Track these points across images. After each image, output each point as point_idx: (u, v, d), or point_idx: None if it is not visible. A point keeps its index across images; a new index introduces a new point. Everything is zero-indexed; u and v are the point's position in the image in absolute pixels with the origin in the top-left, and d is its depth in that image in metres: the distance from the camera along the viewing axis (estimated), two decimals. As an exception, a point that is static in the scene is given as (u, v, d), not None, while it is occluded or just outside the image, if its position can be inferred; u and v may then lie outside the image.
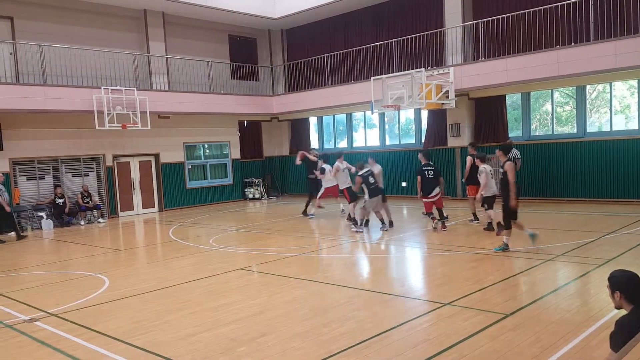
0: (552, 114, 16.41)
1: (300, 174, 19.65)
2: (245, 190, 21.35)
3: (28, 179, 15.97)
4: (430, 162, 11.79)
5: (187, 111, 18.37)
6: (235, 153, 21.26)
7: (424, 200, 11.60)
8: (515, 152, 13.72)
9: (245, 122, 21.80)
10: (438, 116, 17.62)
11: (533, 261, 8.18)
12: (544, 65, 13.83)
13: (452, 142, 17.26)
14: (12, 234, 14.05)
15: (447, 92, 15.51)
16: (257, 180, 21.57)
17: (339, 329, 5.59)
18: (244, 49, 21.88)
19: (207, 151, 20.78)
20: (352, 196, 12.85)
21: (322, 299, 7.03)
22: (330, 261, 9.63)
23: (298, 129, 22.44)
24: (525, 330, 5.25)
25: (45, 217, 15.60)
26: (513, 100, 17.13)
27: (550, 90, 16.02)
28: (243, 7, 19.41)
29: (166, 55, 18.83)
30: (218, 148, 21.06)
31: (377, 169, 12.74)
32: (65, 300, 7.26)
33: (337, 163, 13.20)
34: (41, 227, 15.43)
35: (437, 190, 11.49)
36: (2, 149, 14.99)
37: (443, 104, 15.56)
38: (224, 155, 21.13)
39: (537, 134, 16.68)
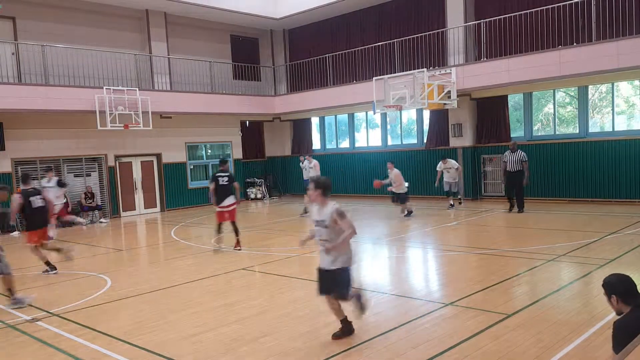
0: (554, 115, 16.39)
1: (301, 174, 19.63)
2: (247, 190, 21.36)
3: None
4: (225, 168, 10.76)
5: (189, 111, 18.38)
6: (237, 153, 21.27)
7: (217, 209, 10.60)
8: (521, 154, 13.65)
9: (247, 122, 21.81)
10: (440, 116, 17.61)
11: (535, 261, 8.17)
12: (546, 65, 13.81)
13: (454, 142, 17.25)
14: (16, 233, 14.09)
15: (449, 92, 15.50)
16: (259, 180, 21.57)
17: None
18: (246, 49, 21.89)
19: (209, 151, 20.80)
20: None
21: (324, 299, 7.02)
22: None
23: (300, 129, 22.44)
24: (527, 330, 5.24)
25: (47, 217, 15.59)
26: (515, 100, 17.12)
27: (552, 91, 16.00)
28: (245, 7, 19.42)
29: (168, 55, 18.85)
30: (220, 148, 21.08)
31: (393, 173, 13.86)
32: (68, 300, 7.27)
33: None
34: (43, 227, 15.42)
35: (231, 199, 10.50)
36: (4, 149, 15.01)
37: (445, 104, 15.56)
38: (225, 156, 21.13)
39: (539, 134, 16.65)
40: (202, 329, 5.85)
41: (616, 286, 3.45)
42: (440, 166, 15.21)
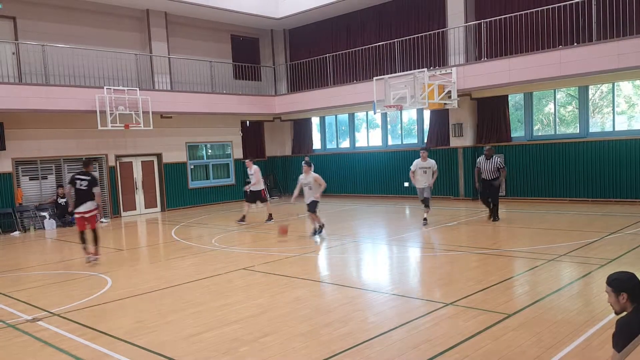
0: (555, 114, 16.39)
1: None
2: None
3: (31, 179, 16.01)
4: (88, 170, 9.96)
5: (190, 111, 18.39)
6: (238, 153, 21.28)
7: (75, 215, 9.86)
8: (498, 160, 12.22)
9: (248, 122, 21.82)
10: (440, 116, 17.62)
11: (536, 261, 8.18)
12: (546, 65, 13.81)
13: (454, 142, 17.26)
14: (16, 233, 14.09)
15: (449, 92, 15.51)
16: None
17: (340, 329, 5.59)
18: (246, 49, 21.90)
19: (210, 151, 20.81)
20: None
21: (324, 299, 7.04)
22: (332, 261, 9.64)
23: (300, 129, 22.46)
24: (528, 330, 5.24)
25: (47, 217, 15.64)
26: (516, 100, 17.12)
27: (553, 90, 16.00)
28: (245, 7, 19.42)
29: (169, 55, 18.86)
30: (220, 148, 21.09)
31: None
32: (68, 300, 7.27)
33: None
34: (44, 227, 15.47)
35: (89, 205, 9.69)
36: (4, 149, 15.02)
37: (445, 104, 15.56)
38: (226, 155, 21.16)
39: (539, 134, 16.66)
40: (202, 328, 5.85)
41: (626, 283, 3.38)
42: (415, 165, 12.32)
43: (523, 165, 16.11)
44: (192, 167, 19.98)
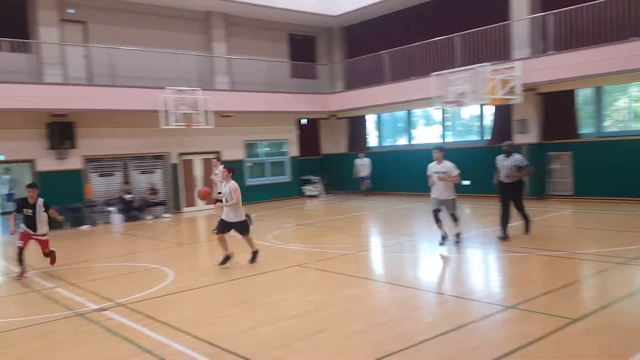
0: (628, 109, 15.42)
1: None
2: (303, 187, 21.54)
3: (100, 176, 16.84)
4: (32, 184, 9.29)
5: (248, 110, 18.75)
6: (294, 151, 21.49)
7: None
8: (519, 158, 9.97)
9: (302, 120, 21.97)
10: (503, 112, 17.04)
11: (604, 264, 7.74)
12: (617, 58, 13.05)
13: (518, 139, 16.63)
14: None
15: (513, 87, 14.94)
16: (315, 177, 21.69)
17: (396, 328, 5.51)
18: (303, 47, 22.06)
19: (267, 149, 21.14)
20: None
21: (379, 298, 6.97)
22: (387, 260, 9.53)
23: (356, 126, 22.37)
24: (595, 337, 4.97)
25: (115, 211, 16.39)
26: (585, 94, 16.28)
27: (625, 84, 15.09)
28: (304, 6, 19.58)
29: (228, 55, 19.29)
30: (277, 146, 21.37)
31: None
32: (133, 291, 7.57)
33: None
34: (111, 221, 16.23)
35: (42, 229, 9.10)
36: (76, 147, 15.86)
37: (509, 99, 15.01)
38: (282, 153, 21.42)
39: (611, 130, 15.76)
40: (258, 323, 5.94)
41: None
42: (430, 169, 9.77)
43: (591, 163, 15.27)
44: (249, 164, 20.36)
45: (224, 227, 8.94)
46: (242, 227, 9.00)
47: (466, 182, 13.16)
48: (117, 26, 17.29)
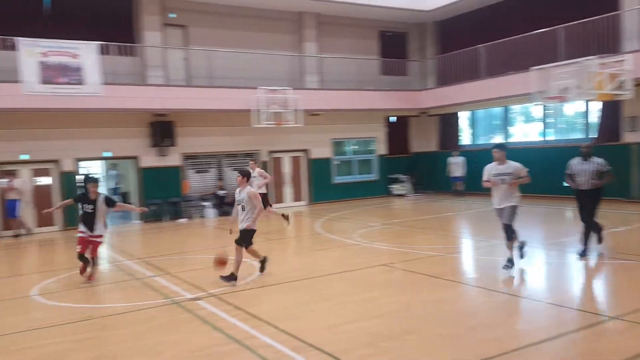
0: None
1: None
2: (390, 186, 21.29)
3: (196, 172, 17.75)
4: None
5: (337, 108, 18.86)
6: (381, 149, 21.32)
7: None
8: (601, 162, 8.90)
9: (391, 118, 21.71)
10: (611, 109, 15.76)
11: None
12: None
13: (628, 137, 15.32)
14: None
15: (622, 81, 13.75)
16: (404, 176, 21.37)
17: (486, 333, 5.27)
18: (393, 44, 21.78)
19: (354, 147, 21.15)
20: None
21: (470, 302, 6.71)
22: (478, 263, 9.15)
23: (447, 124, 21.72)
24: None
25: (209, 206, 17.19)
26: None
27: None
28: (396, 3, 19.34)
29: (318, 54, 19.52)
30: (364, 144, 21.31)
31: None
32: (223, 283, 7.85)
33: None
34: (205, 215, 17.04)
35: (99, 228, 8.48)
36: (175, 145, 16.81)
37: (618, 95, 13.84)
38: (369, 151, 21.32)
39: None
40: (343, 320, 5.93)
41: None
42: (488, 171, 8.07)
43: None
44: (337, 162, 20.47)
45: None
46: (244, 237, 8.14)
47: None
48: (214, 29, 18.06)
